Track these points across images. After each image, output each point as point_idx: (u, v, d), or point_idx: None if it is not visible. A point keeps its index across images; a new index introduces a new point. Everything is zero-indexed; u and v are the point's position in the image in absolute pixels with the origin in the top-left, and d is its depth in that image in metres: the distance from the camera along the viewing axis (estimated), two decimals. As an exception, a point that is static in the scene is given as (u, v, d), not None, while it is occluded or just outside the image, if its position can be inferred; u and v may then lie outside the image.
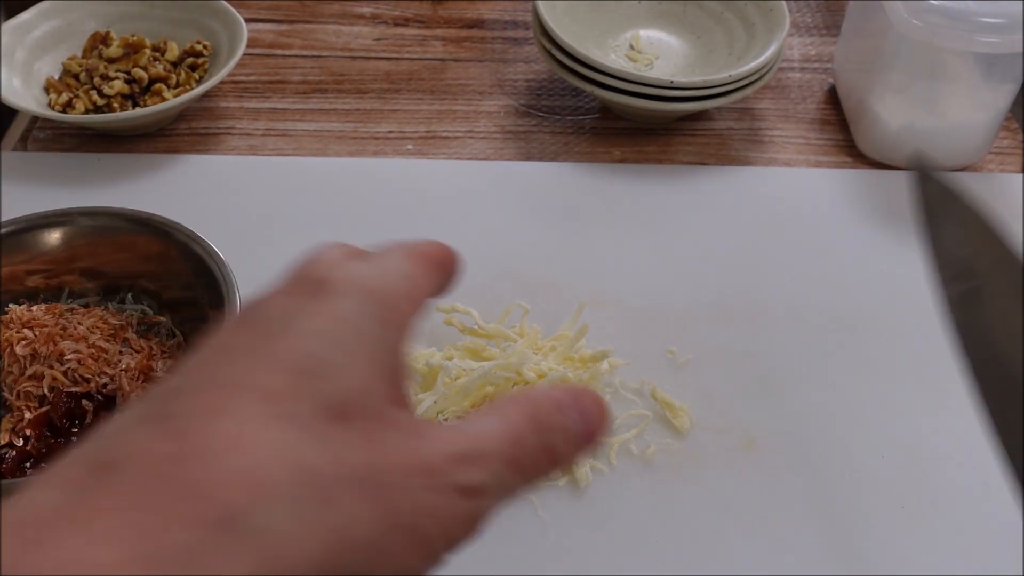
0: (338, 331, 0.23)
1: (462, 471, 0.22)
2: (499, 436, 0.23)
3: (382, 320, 0.24)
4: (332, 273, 0.25)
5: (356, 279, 0.25)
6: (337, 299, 0.24)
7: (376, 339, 0.23)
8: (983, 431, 0.50)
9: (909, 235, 0.60)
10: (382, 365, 0.23)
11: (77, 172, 0.62)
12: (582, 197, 0.62)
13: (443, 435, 0.22)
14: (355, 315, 0.23)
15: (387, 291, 0.25)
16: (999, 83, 0.59)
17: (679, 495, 0.45)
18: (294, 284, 0.25)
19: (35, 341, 0.45)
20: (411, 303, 0.26)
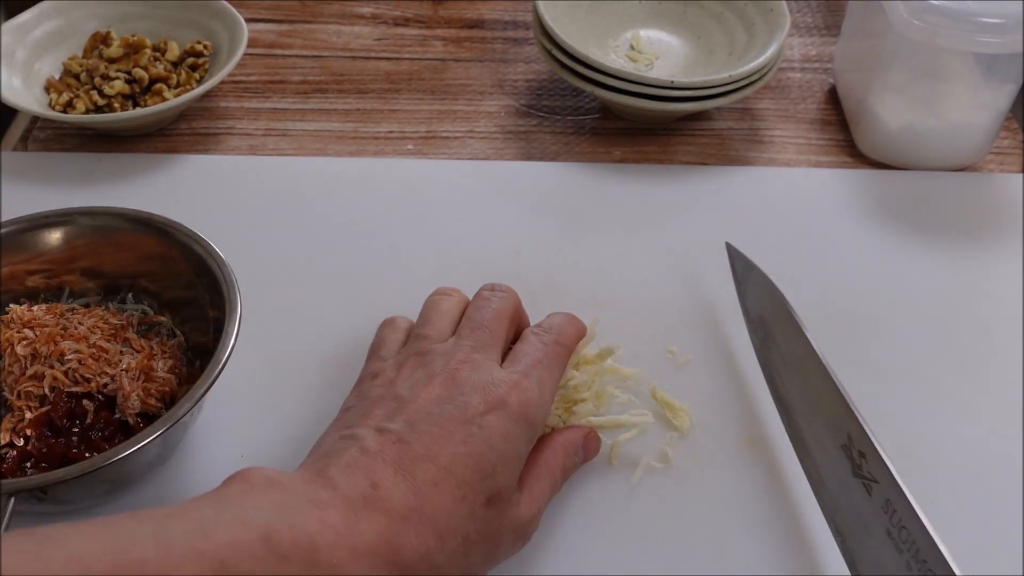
0: (506, 449, 0.38)
1: (529, 526, 0.40)
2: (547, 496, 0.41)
3: (531, 440, 0.40)
4: (511, 395, 0.40)
5: (525, 409, 0.40)
6: (512, 424, 0.39)
7: (523, 455, 0.40)
8: (983, 431, 0.50)
9: (909, 235, 0.60)
10: (519, 468, 0.39)
11: (77, 172, 0.62)
12: (582, 197, 0.62)
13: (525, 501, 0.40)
14: (518, 437, 0.39)
15: (539, 418, 0.40)
16: (999, 83, 0.59)
17: (679, 495, 0.45)
18: (489, 389, 0.39)
19: (36, 341, 0.45)
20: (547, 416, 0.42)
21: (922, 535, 0.36)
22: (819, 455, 0.43)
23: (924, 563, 0.35)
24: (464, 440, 0.37)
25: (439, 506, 0.36)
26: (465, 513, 0.36)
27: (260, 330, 0.51)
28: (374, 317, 0.53)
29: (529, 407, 0.39)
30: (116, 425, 0.44)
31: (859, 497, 0.39)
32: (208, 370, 0.42)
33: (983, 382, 0.51)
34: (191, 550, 0.29)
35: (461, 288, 0.54)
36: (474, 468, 0.37)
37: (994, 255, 0.59)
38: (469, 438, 0.37)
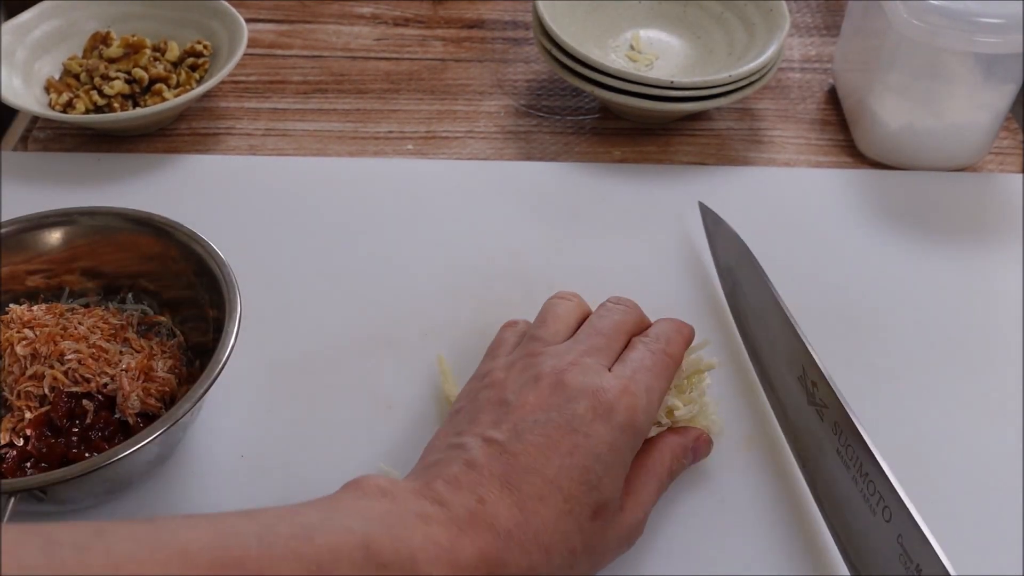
0: (611, 459, 0.38)
1: (636, 532, 0.40)
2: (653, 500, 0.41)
3: (636, 447, 0.40)
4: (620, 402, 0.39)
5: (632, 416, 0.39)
6: (618, 433, 0.38)
7: (628, 463, 0.39)
8: (983, 431, 0.50)
9: (909, 235, 0.60)
10: (623, 478, 0.39)
11: (77, 172, 0.62)
12: (582, 197, 0.62)
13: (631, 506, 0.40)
14: (623, 446, 0.38)
15: (646, 425, 0.40)
16: (999, 83, 0.59)
17: (679, 495, 0.45)
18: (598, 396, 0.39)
19: (36, 341, 0.45)
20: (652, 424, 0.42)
21: (863, 452, 0.39)
22: (780, 388, 0.46)
23: (866, 476, 0.39)
24: (571, 451, 0.37)
25: (545, 521, 0.35)
26: (572, 527, 0.36)
27: (260, 330, 0.51)
28: (374, 317, 0.53)
29: (636, 414, 0.39)
30: (116, 425, 0.44)
31: (814, 422, 0.43)
32: (208, 370, 0.42)
33: (983, 382, 0.51)
34: (291, 551, 0.30)
35: (462, 288, 0.54)
36: (580, 480, 0.36)
37: (994, 255, 0.59)
38: (575, 449, 0.37)
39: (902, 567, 0.36)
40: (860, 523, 0.39)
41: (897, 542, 0.36)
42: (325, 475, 0.41)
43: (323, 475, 0.42)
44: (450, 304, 0.54)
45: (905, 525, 0.36)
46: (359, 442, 0.47)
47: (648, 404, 0.40)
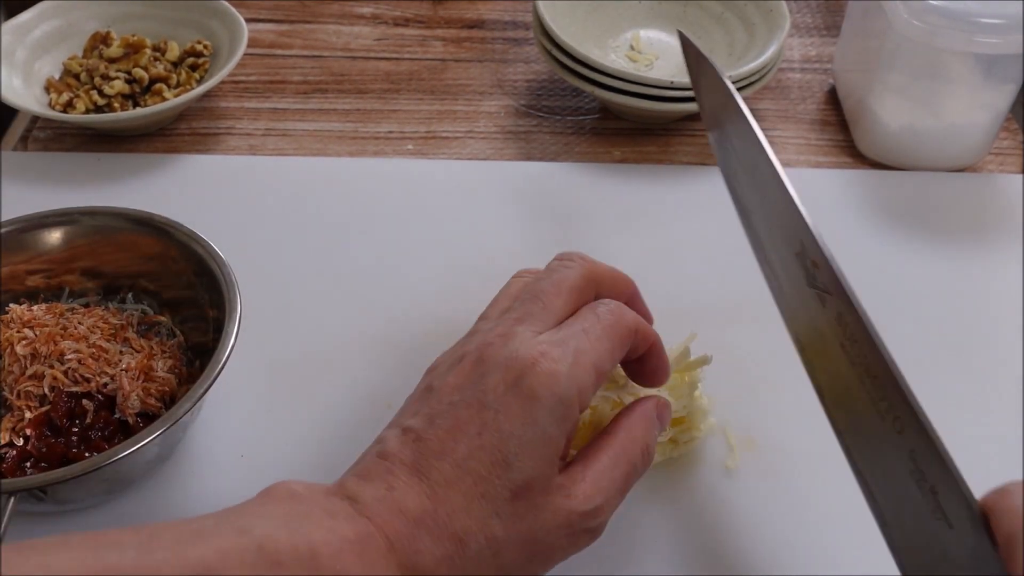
0: (526, 434, 0.34)
1: (591, 521, 0.35)
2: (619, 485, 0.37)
3: (562, 419, 0.35)
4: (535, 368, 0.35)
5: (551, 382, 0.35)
6: (533, 403, 0.34)
7: (554, 436, 0.35)
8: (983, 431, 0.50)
9: (909, 235, 0.60)
10: (554, 452, 0.35)
11: (77, 172, 0.62)
12: (582, 197, 0.62)
13: (584, 491, 0.35)
14: (542, 418, 0.34)
15: (571, 393, 0.35)
16: (999, 83, 0.59)
17: (679, 495, 0.45)
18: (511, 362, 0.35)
19: (35, 341, 0.45)
20: (588, 393, 0.36)
21: (872, 351, 0.34)
22: (776, 262, 0.41)
23: (875, 378, 0.34)
24: (479, 431, 0.34)
25: (456, 507, 0.33)
26: (486, 511, 0.33)
27: (260, 330, 0.51)
28: (374, 317, 0.53)
29: (555, 380, 0.35)
30: (116, 425, 0.44)
31: (814, 307, 0.38)
32: (208, 370, 0.42)
33: (983, 382, 0.51)
34: (174, 555, 0.29)
35: (461, 288, 0.54)
36: (491, 460, 0.34)
37: (994, 255, 0.59)
38: (484, 427, 0.34)
39: (915, 485, 0.32)
40: (866, 426, 0.35)
41: (910, 458, 0.32)
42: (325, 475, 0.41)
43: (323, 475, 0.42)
44: (450, 304, 0.54)
45: (919, 440, 0.32)
46: (359, 442, 0.47)
47: (573, 370, 0.35)
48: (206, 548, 0.29)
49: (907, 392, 0.33)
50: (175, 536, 0.29)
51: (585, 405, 0.36)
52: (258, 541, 0.30)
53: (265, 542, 0.30)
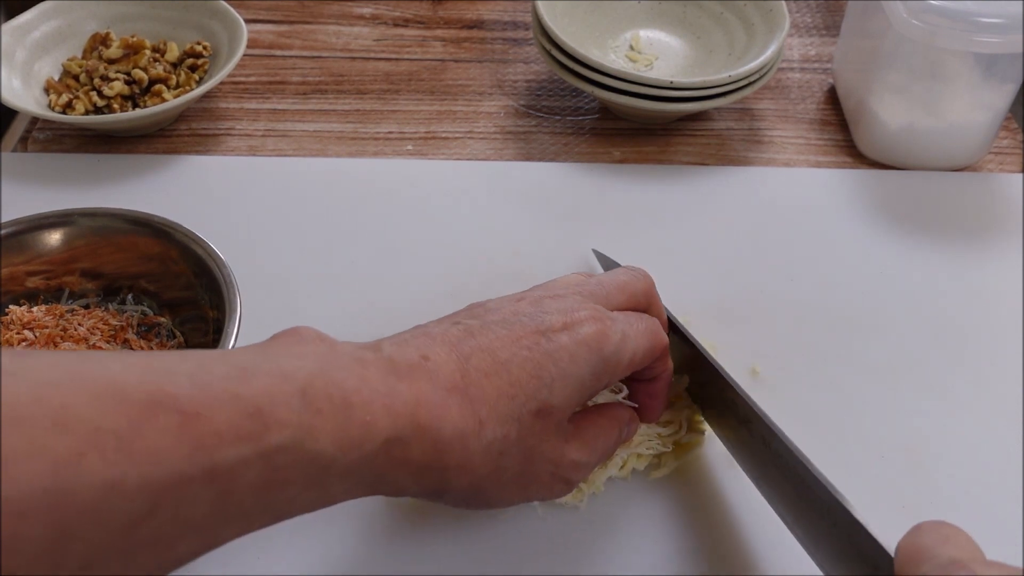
0: (569, 369, 0.37)
1: (572, 472, 0.39)
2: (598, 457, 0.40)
3: (597, 375, 0.38)
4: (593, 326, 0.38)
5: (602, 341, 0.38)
6: (584, 349, 0.37)
7: (586, 385, 0.38)
8: (983, 431, 0.50)
9: (909, 235, 0.60)
10: (580, 398, 0.38)
11: (77, 173, 0.62)
12: (582, 197, 0.62)
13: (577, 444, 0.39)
14: (585, 364, 0.37)
15: (612, 359, 0.38)
16: (999, 83, 0.59)
17: (680, 496, 0.45)
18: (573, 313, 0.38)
19: (35, 342, 0.45)
20: (621, 372, 0.39)
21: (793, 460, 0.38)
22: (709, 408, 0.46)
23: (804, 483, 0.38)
24: (530, 346, 0.36)
25: (486, 394, 0.35)
26: (510, 411, 0.35)
27: (260, 330, 0.50)
28: (374, 317, 0.53)
29: (605, 340, 0.38)
30: (116, 426, 0.44)
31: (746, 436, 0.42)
32: (208, 371, 0.42)
33: (983, 382, 0.51)
34: (226, 392, 0.29)
35: (461, 288, 0.54)
36: (531, 373, 0.36)
37: (994, 255, 0.59)
38: (535, 346, 0.36)
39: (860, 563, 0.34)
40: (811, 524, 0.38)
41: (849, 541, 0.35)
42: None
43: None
44: (450, 304, 0.54)
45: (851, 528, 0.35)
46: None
47: (621, 341, 0.38)
48: (255, 388, 0.30)
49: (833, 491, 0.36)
50: (224, 372, 0.30)
51: (614, 379, 0.39)
52: (300, 386, 0.30)
53: (307, 388, 0.31)
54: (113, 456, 0.26)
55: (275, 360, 0.31)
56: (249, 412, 0.29)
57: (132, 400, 0.27)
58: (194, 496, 0.27)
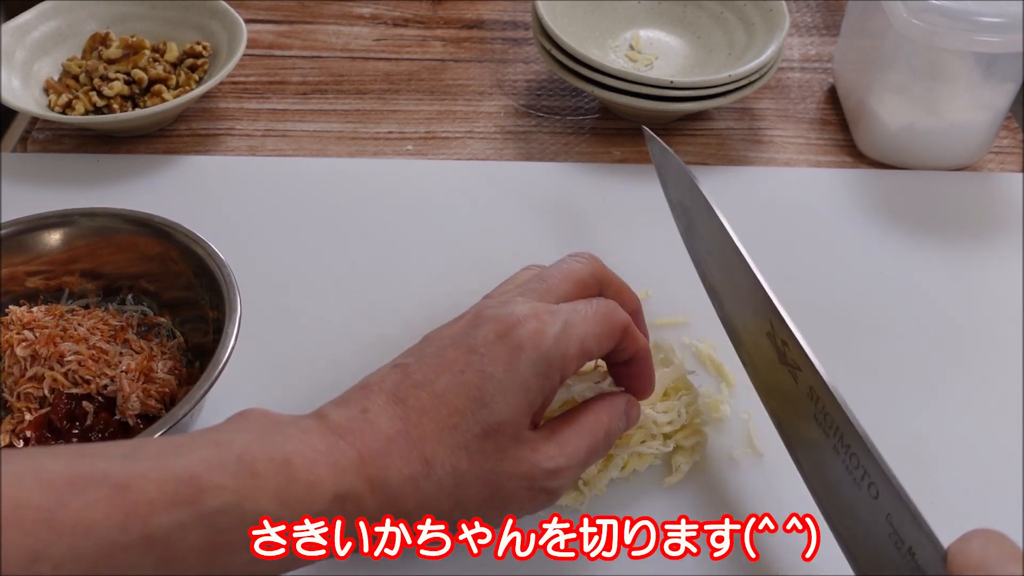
0: (507, 379, 0.36)
1: (551, 480, 0.37)
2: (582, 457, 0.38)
3: (543, 375, 0.37)
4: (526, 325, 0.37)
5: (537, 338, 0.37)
6: (518, 352, 0.36)
7: (533, 389, 0.37)
8: (983, 431, 0.50)
9: (909, 235, 0.60)
10: (529, 404, 0.37)
11: (77, 173, 0.62)
12: (582, 197, 0.62)
13: (549, 451, 0.37)
14: (524, 368, 0.36)
15: (555, 353, 0.37)
16: (999, 83, 0.59)
17: (680, 496, 0.45)
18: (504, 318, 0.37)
19: (35, 342, 0.45)
20: (571, 363, 0.38)
21: (844, 423, 0.36)
22: (749, 342, 0.43)
23: (848, 448, 0.36)
24: (463, 369, 0.36)
25: (427, 432, 0.35)
26: (456, 442, 0.35)
27: (260, 331, 0.51)
28: (374, 317, 0.53)
29: (542, 338, 0.37)
30: (116, 426, 0.44)
31: (787, 383, 0.40)
32: (208, 371, 0.42)
33: (983, 382, 0.51)
34: (160, 465, 0.29)
35: (461, 289, 0.54)
36: (468, 396, 0.35)
37: (994, 255, 0.59)
38: (468, 367, 0.36)
39: (893, 547, 0.33)
40: (845, 495, 0.36)
41: (887, 521, 0.34)
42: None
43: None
44: (450, 304, 0.54)
45: (894, 504, 0.33)
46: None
47: (561, 334, 0.37)
48: (189, 459, 0.30)
49: (878, 459, 0.34)
50: (157, 449, 0.30)
51: (567, 373, 0.38)
52: (237, 452, 0.31)
53: (243, 454, 0.31)
54: (34, 528, 0.26)
55: (212, 435, 0.32)
56: (183, 479, 0.29)
57: (57, 480, 0.27)
58: (133, 564, 0.28)
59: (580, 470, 0.39)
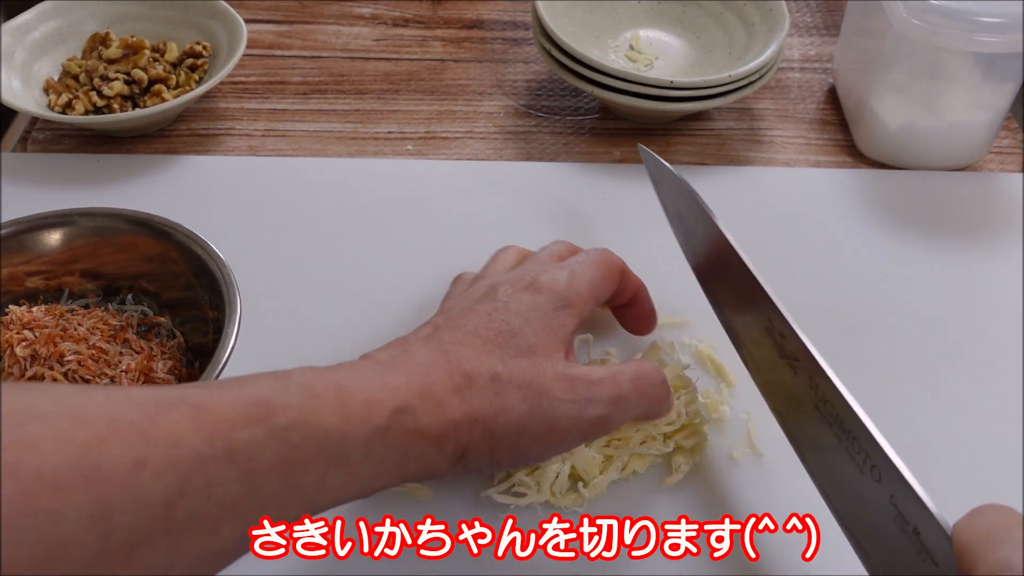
0: (531, 314, 0.41)
1: (594, 389, 0.40)
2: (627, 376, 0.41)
3: (563, 310, 0.42)
4: (539, 277, 0.43)
5: (552, 284, 0.43)
6: (537, 294, 0.42)
7: (553, 320, 0.41)
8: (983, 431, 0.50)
9: (909, 235, 0.60)
10: (554, 333, 0.41)
11: (77, 173, 0.62)
12: (582, 197, 0.62)
13: (588, 368, 0.40)
14: (544, 305, 0.41)
15: (569, 293, 0.43)
16: (999, 83, 0.59)
17: (680, 496, 0.45)
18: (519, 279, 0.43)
19: (35, 342, 0.45)
20: (585, 302, 0.43)
21: (843, 408, 0.37)
22: (749, 341, 0.45)
23: (849, 433, 0.37)
24: (489, 312, 0.41)
25: (464, 355, 0.38)
26: (494, 359, 0.38)
27: (260, 331, 0.51)
28: (374, 317, 0.53)
29: (556, 283, 0.42)
30: (116, 426, 0.44)
31: (787, 376, 0.41)
32: (208, 371, 0.42)
33: (983, 382, 0.51)
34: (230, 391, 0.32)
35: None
36: (497, 330, 0.40)
37: (994, 255, 0.59)
38: (494, 311, 0.41)
39: (898, 529, 0.34)
40: (849, 483, 0.37)
41: (891, 503, 0.34)
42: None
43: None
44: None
45: (897, 485, 0.34)
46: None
47: (570, 280, 0.43)
48: (254, 387, 0.32)
49: (880, 442, 0.35)
50: (223, 383, 0.33)
51: (584, 312, 0.43)
52: (296, 381, 0.34)
53: (302, 381, 0.34)
54: (133, 439, 0.28)
55: (269, 373, 0.34)
56: (253, 402, 0.31)
57: (143, 401, 0.30)
58: (220, 476, 0.29)
59: (630, 388, 0.41)
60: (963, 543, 0.30)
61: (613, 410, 0.40)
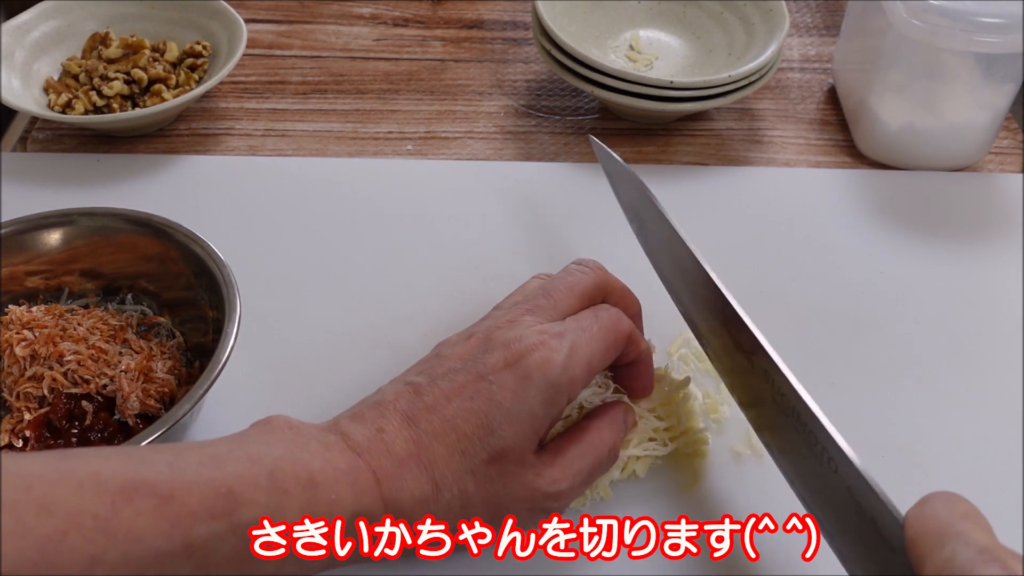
0: (514, 408, 0.38)
1: (553, 502, 0.39)
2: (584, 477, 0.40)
3: (550, 402, 0.39)
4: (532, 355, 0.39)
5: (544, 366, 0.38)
6: (526, 381, 0.38)
7: (539, 416, 0.38)
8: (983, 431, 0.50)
9: (909, 235, 0.60)
10: (535, 430, 0.38)
11: (76, 173, 0.62)
12: (582, 197, 0.62)
13: (553, 474, 0.39)
14: (532, 397, 0.38)
15: (562, 379, 0.39)
16: (999, 83, 0.59)
17: (681, 496, 0.45)
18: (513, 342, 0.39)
19: (35, 342, 0.45)
20: (577, 386, 0.40)
21: (797, 400, 0.37)
22: (707, 332, 0.45)
23: (805, 426, 0.37)
24: (472, 395, 0.38)
25: (437, 456, 0.37)
26: (464, 467, 0.37)
27: (260, 330, 0.51)
28: (373, 317, 0.53)
29: (549, 367, 0.38)
30: (115, 426, 0.44)
31: (747, 368, 0.41)
32: (208, 370, 0.42)
33: (983, 382, 0.51)
34: (200, 477, 0.32)
35: (461, 288, 0.54)
36: (476, 423, 0.37)
37: (994, 255, 0.59)
38: (477, 394, 0.38)
39: (858, 519, 0.34)
40: (809, 470, 0.37)
41: (849, 493, 0.35)
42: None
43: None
44: (450, 304, 0.54)
45: (852, 477, 0.34)
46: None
47: (568, 360, 0.39)
48: (226, 472, 0.33)
49: (832, 434, 0.35)
50: (197, 458, 0.33)
51: (574, 395, 0.40)
52: (268, 469, 0.33)
53: (274, 470, 0.34)
54: (93, 535, 0.29)
55: (245, 447, 0.35)
56: (221, 492, 0.32)
57: (110, 487, 0.30)
58: (174, 570, 0.30)
59: (583, 488, 0.41)
60: (911, 538, 0.31)
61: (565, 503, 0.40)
